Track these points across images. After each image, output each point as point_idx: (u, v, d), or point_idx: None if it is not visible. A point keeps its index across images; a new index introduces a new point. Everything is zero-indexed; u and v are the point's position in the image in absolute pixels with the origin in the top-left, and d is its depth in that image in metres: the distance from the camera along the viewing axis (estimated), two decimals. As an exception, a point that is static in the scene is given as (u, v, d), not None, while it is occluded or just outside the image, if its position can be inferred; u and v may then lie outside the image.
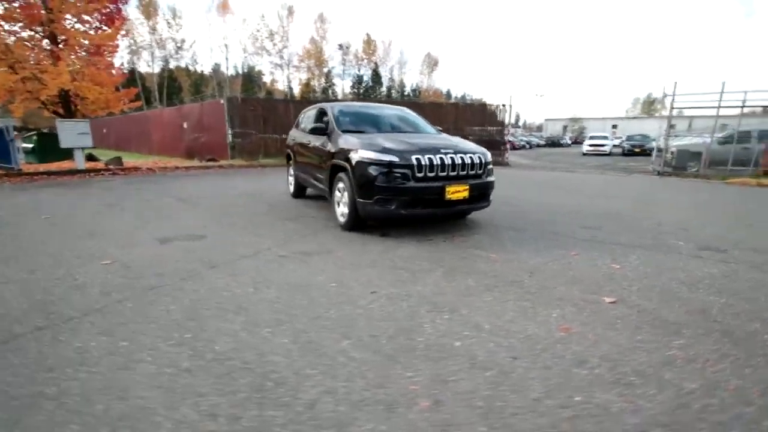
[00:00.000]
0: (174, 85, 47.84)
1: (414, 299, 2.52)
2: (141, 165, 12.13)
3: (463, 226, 4.51)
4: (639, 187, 9.18)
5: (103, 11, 11.12)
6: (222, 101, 14.74)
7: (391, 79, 56.75)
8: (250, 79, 51.02)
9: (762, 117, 14.58)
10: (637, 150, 24.01)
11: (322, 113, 5.42)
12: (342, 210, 4.33)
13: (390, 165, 3.73)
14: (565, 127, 55.74)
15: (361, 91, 52.68)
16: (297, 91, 50.28)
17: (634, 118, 60.83)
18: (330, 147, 4.58)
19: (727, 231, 4.44)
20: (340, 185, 4.29)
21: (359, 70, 54.07)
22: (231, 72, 50.62)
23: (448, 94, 66.68)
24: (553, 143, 41.86)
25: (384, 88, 55.20)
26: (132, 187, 7.75)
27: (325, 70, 51.18)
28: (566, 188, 8.55)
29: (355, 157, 3.93)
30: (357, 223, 4.12)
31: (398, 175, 3.72)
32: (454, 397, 1.58)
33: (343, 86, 55.09)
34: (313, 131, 4.96)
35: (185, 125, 16.69)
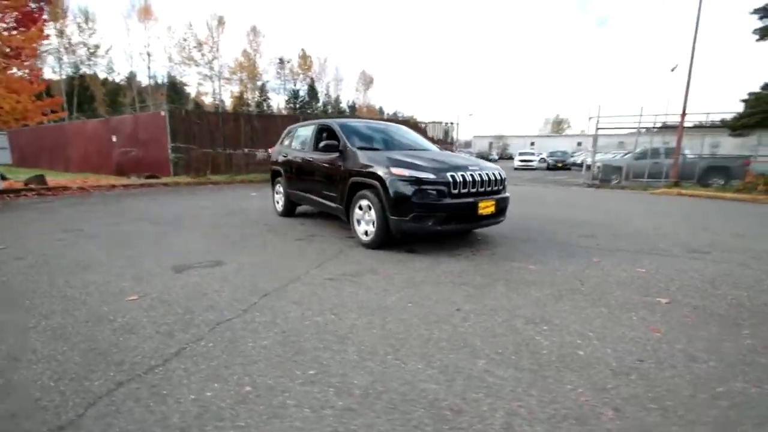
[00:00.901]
0: (86, 94, 42.59)
1: (500, 313, 2.57)
2: (69, 184, 10.61)
3: (474, 241, 4.67)
4: (586, 197, 10.29)
5: (22, 10, 9.66)
6: (163, 113, 13.56)
7: (328, 95, 56.85)
8: (174, 89, 47.46)
9: (669, 134, 17.33)
10: (559, 165, 26.89)
11: (323, 130, 5.31)
12: (365, 228, 4.25)
13: (427, 182, 3.78)
14: (491, 144, 60.48)
15: (298, 106, 51.93)
16: (228, 104, 47.90)
17: (548, 136, 68.30)
18: (346, 164, 4.49)
19: (693, 235, 5.19)
20: (363, 203, 4.22)
21: (295, 85, 53.37)
22: (150, 81, 46.66)
23: (381, 111, 68.55)
24: (483, 158, 45.04)
25: (320, 104, 55.03)
26: (79, 210, 6.75)
27: (259, 83, 49.63)
28: (530, 200, 9.28)
29: (387, 174, 3.91)
30: (385, 240, 4.07)
31: (435, 192, 3.78)
32: (626, 403, 1.66)
33: (278, 101, 53.88)
34: (324, 148, 4.83)
35: (114, 139, 15.00)
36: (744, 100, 11.81)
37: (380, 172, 3.97)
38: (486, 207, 4.00)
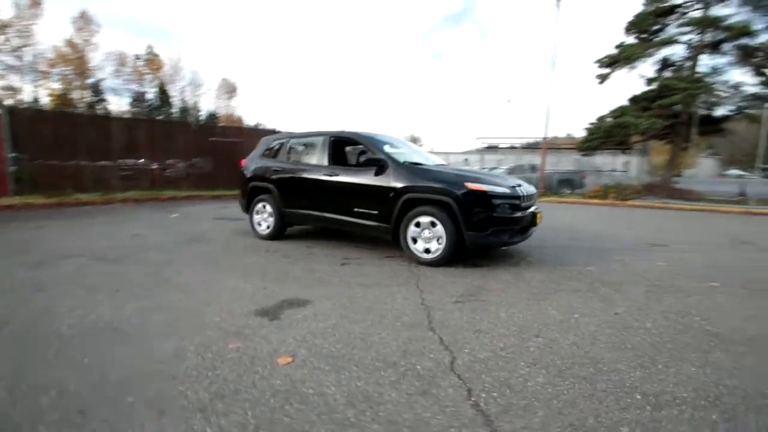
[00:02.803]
0: None
1: (617, 319, 2.85)
2: None
3: (503, 250, 4.93)
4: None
5: None
6: (-4, 111, 9.94)
7: (184, 101, 50.26)
8: (-52, 79, 34.49)
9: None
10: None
11: (342, 143, 4.96)
12: (424, 245, 4.08)
13: (504, 197, 3.90)
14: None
15: (145, 110, 44.32)
16: (46, 102, 37.38)
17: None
18: (394, 180, 4.25)
19: (630, 233, 6.62)
20: (422, 219, 4.05)
21: (141, 87, 45.40)
22: None
23: (241, 122, 64.20)
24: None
25: (176, 109, 48.27)
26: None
27: (91, 81, 40.35)
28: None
29: (462, 190, 3.89)
30: (453, 257, 3.99)
31: (509, 205, 3.92)
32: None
33: (119, 104, 44.84)
34: (362, 164, 4.54)
35: None
36: (587, 128, 15.66)
37: (454, 188, 3.93)
38: (540, 218, 4.35)
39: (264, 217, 5.44)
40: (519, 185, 4.23)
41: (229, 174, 13.36)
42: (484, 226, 3.84)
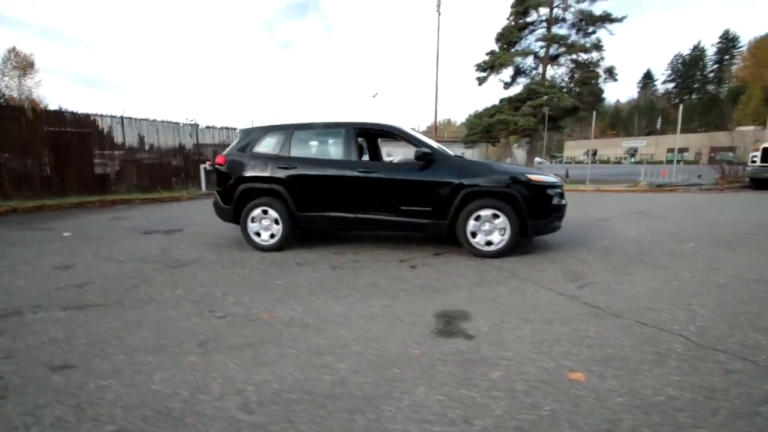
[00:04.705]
0: None
1: (720, 271, 3.48)
2: None
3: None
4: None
5: None
6: None
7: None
8: None
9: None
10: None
11: (372, 135, 4.39)
12: (485, 238, 4.01)
13: (556, 187, 4.10)
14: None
15: None
16: None
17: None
18: (449, 176, 4.03)
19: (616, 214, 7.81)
20: (483, 213, 3.97)
21: None
22: None
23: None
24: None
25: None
26: None
27: None
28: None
29: (527, 181, 3.98)
30: (514, 246, 4.06)
31: (560, 194, 4.16)
32: None
33: None
34: (420, 157, 4.09)
35: None
36: (466, 124, 17.72)
37: (520, 180, 3.98)
38: (565, 204, 4.77)
39: (266, 225, 4.42)
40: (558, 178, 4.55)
41: (78, 174, 10.33)
42: (546, 214, 4.02)
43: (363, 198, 4.22)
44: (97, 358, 2.06)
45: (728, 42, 68.74)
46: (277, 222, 4.37)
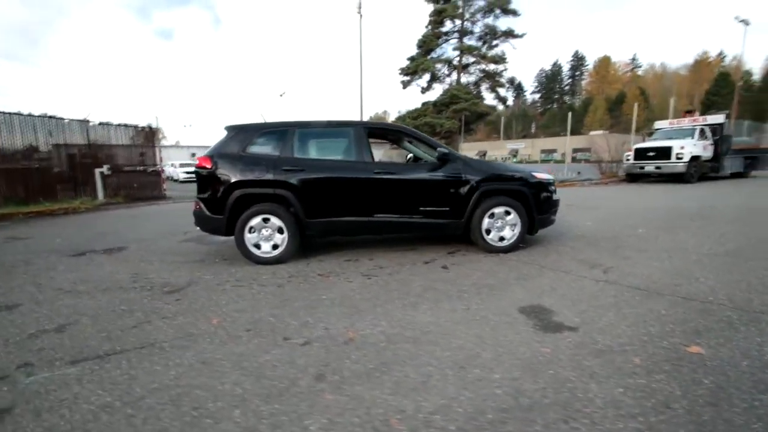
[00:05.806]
0: None
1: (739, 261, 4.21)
2: None
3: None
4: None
5: None
6: None
7: None
8: None
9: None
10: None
11: (382, 135, 4.20)
12: (498, 234, 4.20)
13: (552, 183, 4.46)
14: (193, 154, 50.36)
15: None
16: None
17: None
18: (463, 174, 4.10)
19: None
20: (497, 210, 4.15)
21: None
22: None
23: None
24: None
25: None
26: None
27: None
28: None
29: (532, 179, 4.27)
30: (522, 240, 4.32)
31: (555, 190, 4.54)
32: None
33: None
34: (441, 157, 4.09)
35: None
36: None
37: (529, 178, 4.26)
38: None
39: (267, 235, 3.91)
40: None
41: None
42: (548, 208, 4.38)
43: (381, 200, 4.04)
44: (202, 424, 1.60)
45: (578, 60, 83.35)
46: (281, 231, 3.92)
